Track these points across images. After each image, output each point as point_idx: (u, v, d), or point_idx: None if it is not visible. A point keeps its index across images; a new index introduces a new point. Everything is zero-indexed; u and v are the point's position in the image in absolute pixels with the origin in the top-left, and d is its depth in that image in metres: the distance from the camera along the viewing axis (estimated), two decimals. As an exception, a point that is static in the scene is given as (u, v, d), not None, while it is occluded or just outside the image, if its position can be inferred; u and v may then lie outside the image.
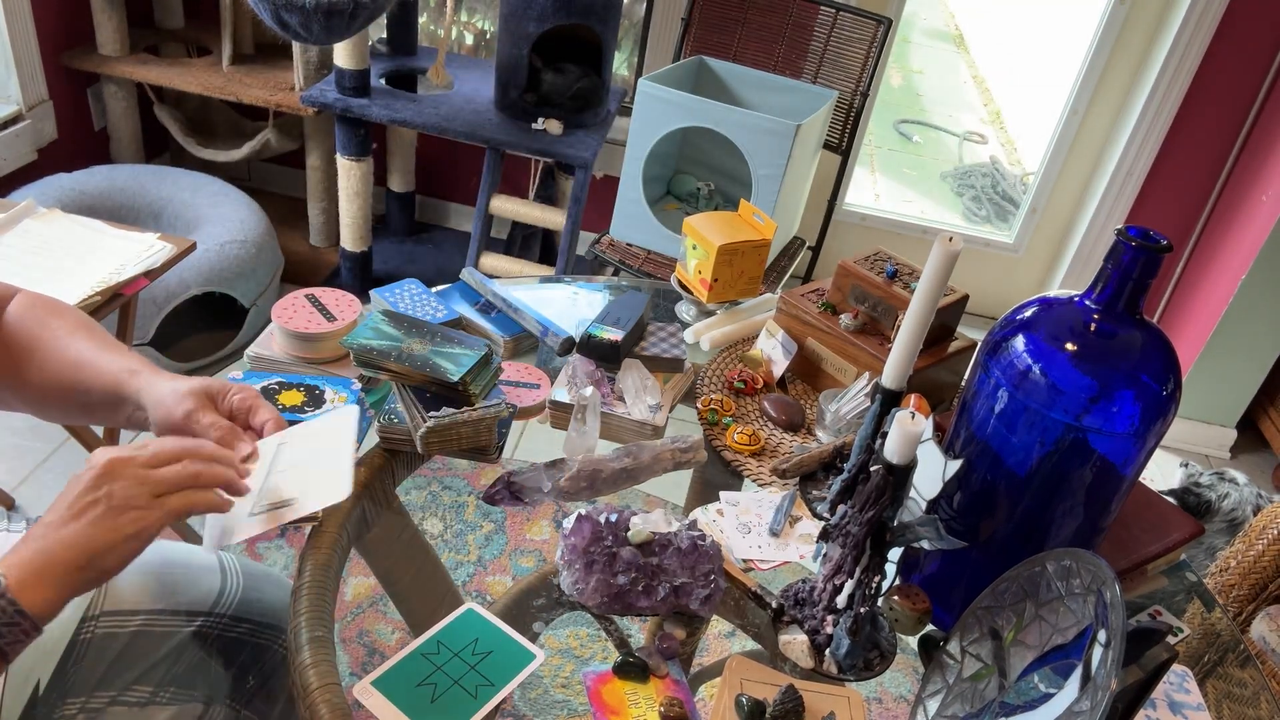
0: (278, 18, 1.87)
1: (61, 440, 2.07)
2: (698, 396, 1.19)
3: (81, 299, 1.49)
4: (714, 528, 1.00)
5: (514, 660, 0.81)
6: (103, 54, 2.53)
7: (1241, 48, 2.52)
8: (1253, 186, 2.53)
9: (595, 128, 2.35)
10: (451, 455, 1.02)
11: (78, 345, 0.89)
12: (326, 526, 0.93)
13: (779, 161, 1.95)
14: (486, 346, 1.05)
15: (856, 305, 1.23)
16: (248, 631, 0.96)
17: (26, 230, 1.64)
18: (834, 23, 2.33)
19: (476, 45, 3.03)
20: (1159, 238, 0.77)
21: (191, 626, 0.93)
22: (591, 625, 0.95)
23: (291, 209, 2.91)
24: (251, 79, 2.54)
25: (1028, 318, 0.83)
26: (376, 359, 1.01)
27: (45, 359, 0.89)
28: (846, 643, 0.85)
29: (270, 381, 1.04)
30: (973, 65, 6.23)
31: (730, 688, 0.81)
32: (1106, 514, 0.87)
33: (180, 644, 0.92)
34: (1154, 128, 2.65)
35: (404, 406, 1.02)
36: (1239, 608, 1.57)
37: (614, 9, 2.22)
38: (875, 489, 0.78)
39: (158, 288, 2.12)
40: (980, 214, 4.00)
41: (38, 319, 0.91)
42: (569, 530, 0.89)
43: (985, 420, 0.84)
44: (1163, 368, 0.79)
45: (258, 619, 0.97)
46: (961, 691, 0.82)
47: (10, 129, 2.40)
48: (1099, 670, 0.68)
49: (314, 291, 1.15)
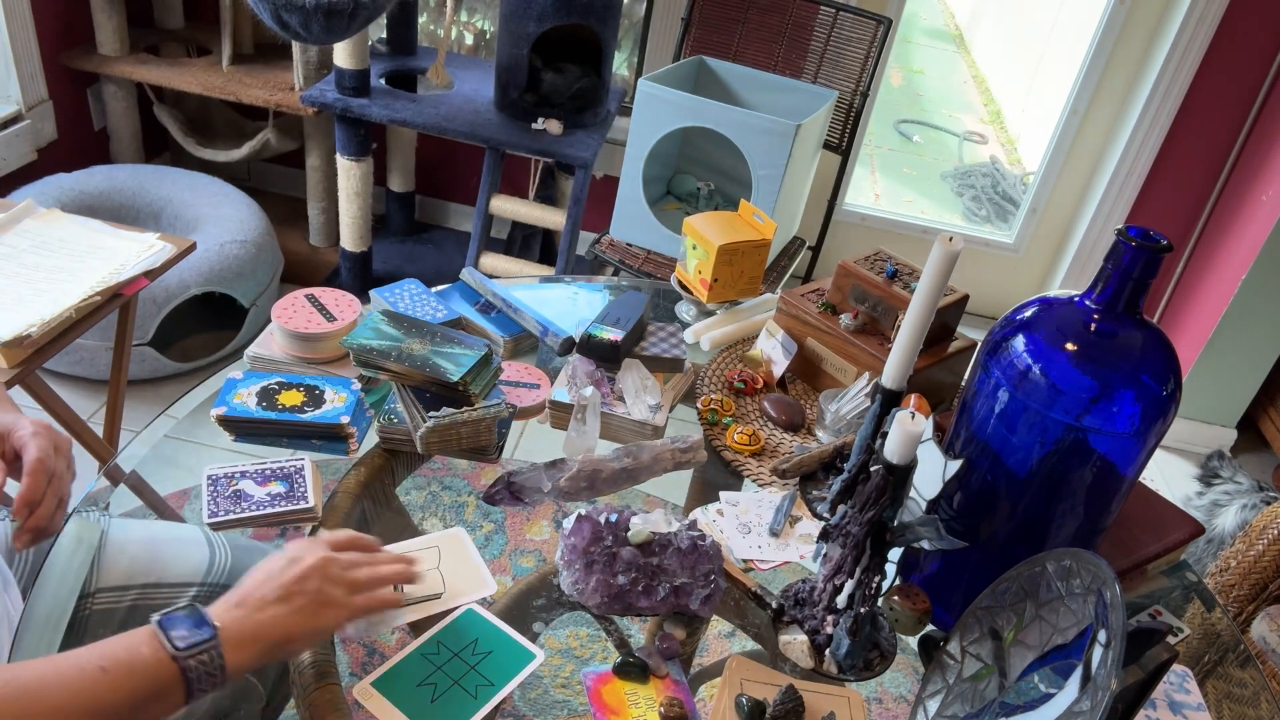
0: (278, 18, 1.87)
1: (61, 440, 2.07)
2: (698, 396, 1.19)
3: (81, 299, 1.49)
4: (714, 528, 1.00)
5: (514, 660, 0.81)
6: (103, 54, 2.53)
7: (1241, 48, 2.52)
8: (1253, 186, 2.53)
9: (595, 128, 2.35)
10: (451, 455, 1.02)
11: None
12: (326, 527, 0.93)
13: (779, 161, 1.95)
14: (486, 346, 1.05)
15: (856, 305, 1.23)
16: None
17: (26, 230, 1.64)
18: (834, 23, 2.33)
19: (476, 45, 3.03)
20: (1159, 238, 0.77)
21: (185, 597, 0.95)
22: (591, 625, 0.95)
23: (291, 209, 2.91)
24: (251, 79, 2.53)
25: (1028, 318, 0.83)
26: (376, 359, 1.01)
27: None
28: (846, 643, 0.85)
29: (270, 381, 1.04)
30: (973, 65, 6.23)
31: (730, 688, 0.81)
32: (1106, 514, 0.87)
33: None
34: (1154, 128, 2.65)
35: (404, 406, 1.02)
36: (1239, 608, 1.57)
37: (614, 9, 2.22)
38: (875, 489, 0.78)
39: (158, 288, 2.12)
40: (980, 214, 4.00)
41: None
42: (569, 530, 0.89)
43: (985, 420, 0.84)
44: (1163, 368, 0.79)
45: None
46: (961, 691, 0.82)
47: (10, 129, 2.40)
48: (1099, 670, 0.68)
49: (314, 291, 1.15)
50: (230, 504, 0.91)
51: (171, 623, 0.70)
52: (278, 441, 1.01)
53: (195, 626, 0.70)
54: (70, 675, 0.65)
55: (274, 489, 0.93)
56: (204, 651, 0.69)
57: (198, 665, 0.69)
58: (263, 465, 0.96)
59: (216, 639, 0.70)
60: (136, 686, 0.67)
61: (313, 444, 1.01)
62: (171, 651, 0.68)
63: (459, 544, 0.93)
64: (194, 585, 0.96)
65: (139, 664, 0.68)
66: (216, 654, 0.70)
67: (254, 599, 0.74)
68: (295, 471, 0.96)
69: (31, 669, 0.65)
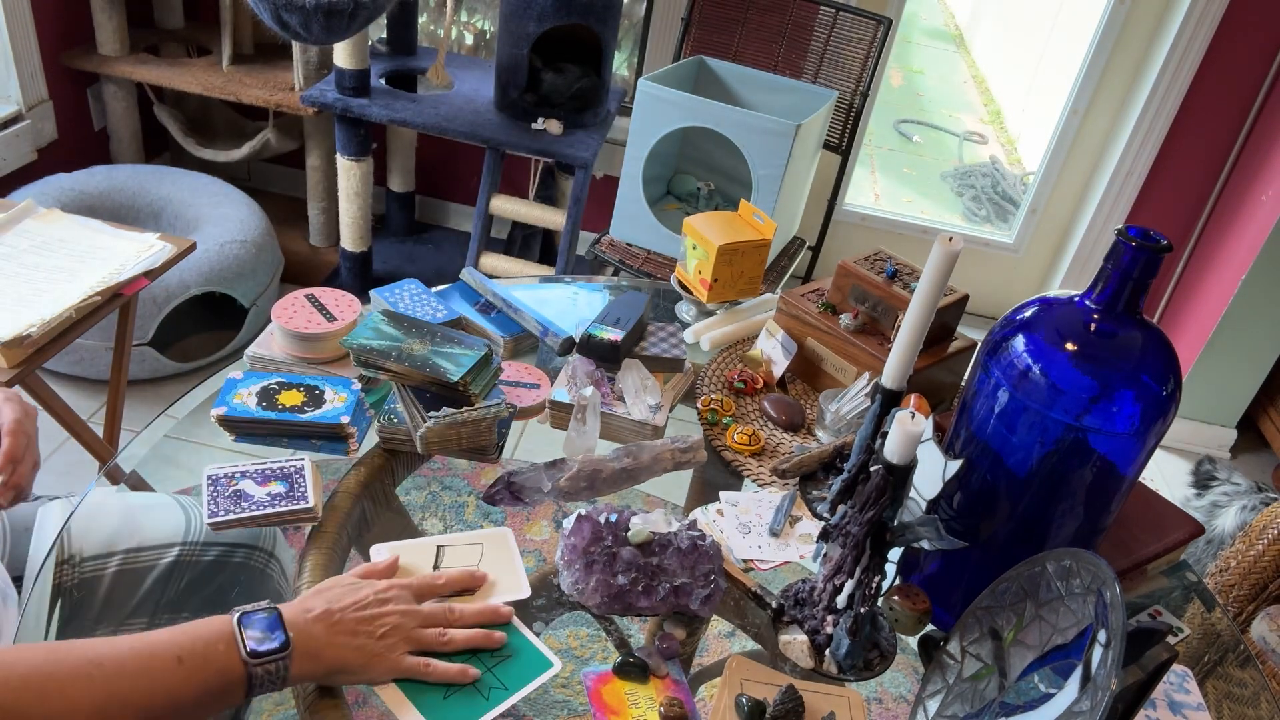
0: (278, 18, 1.87)
1: (62, 440, 2.07)
2: (698, 396, 1.19)
3: (81, 299, 1.49)
4: (714, 528, 1.00)
5: (531, 666, 0.80)
6: (103, 54, 2.53)
7: (1241, 48, 2.52)
8: (1253, 186, 2.53)
9: (595, 128, 2.35)
10: (451, 455, 1.02)
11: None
12: (326, 527, 0.93)
13: (779, 161, 1.95)
14: (486, 346, 1.05)
15: (856, 305, 1.23)
16: (221, 554, 1.02)
17: (26, 230, 1.64)
18: (834, 23, 2.33)
19: (476, 45, 3.03)
20: (1159, 238, 0.77)
21: (168, 557, 0.99)
22: (591, 625, 0.95)
23: (291, 209, 2.91)
24: (251, 79, 2.53)
25: (1028, 318, 0.83)
26: (376, 359, 1.01)
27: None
28: (846, 643, 0.85)
29: (270, 381, 1.04)
30: (973, 65, 6.23)
31: (730, 688, 0.81)
32: (1106, 514, 0.87)
33: (163, 573, 0.99)
34: (1154, 128, 2.65)
35: (404, 406, 1.02)
36: (1239, 608, 1.57)
37: (614, 9, 2.22)
38: (875, 489, 0.78)
39: (158, 288, 2.12)
40: (980, 214, 4.00)
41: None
42: (569, 530, 0.89)
43: (985, 420, 0.84)
44: (1163, 368, 0.79)
45: (228, 542, 1.03)
46: (961, 691, 0.82)
47: (10, 129, 2.40)
48: (1099, 670, 0.68)
49: (314, 291, 1.15)
50: (230, 504, 0.91)
51: (250, 623, 0.72)
52: (278, 441, 1.01)
53: (270, 631, 0.71)
54: (150, 664, 0.67)
55: (274, 489, 0.93)
56: (274, 662, 0.71)
57: (264, 673, 0.70)
58: (263, 465, 0.96)
59: (289, 654, 0.71)
60: (208, 681, 0.69)
61: (313, 444, 1.01)
62: (244, 656, 0.70)
63: (504, 544, 0.93)
64: (175, 545, 1.00)
65: (213, 660, 0.69)
66: (284, 666, 0.71)
67: (330, 621, 0.75)
68: (295, 471, 0.96)
69: (115, 653, 0.67)
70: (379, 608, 0.77)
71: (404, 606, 0.79)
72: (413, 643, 0.78)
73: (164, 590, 0.99)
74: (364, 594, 0.78)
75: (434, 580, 0.84)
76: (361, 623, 0.76)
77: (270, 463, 0.96)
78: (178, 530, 1.01)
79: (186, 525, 1.02)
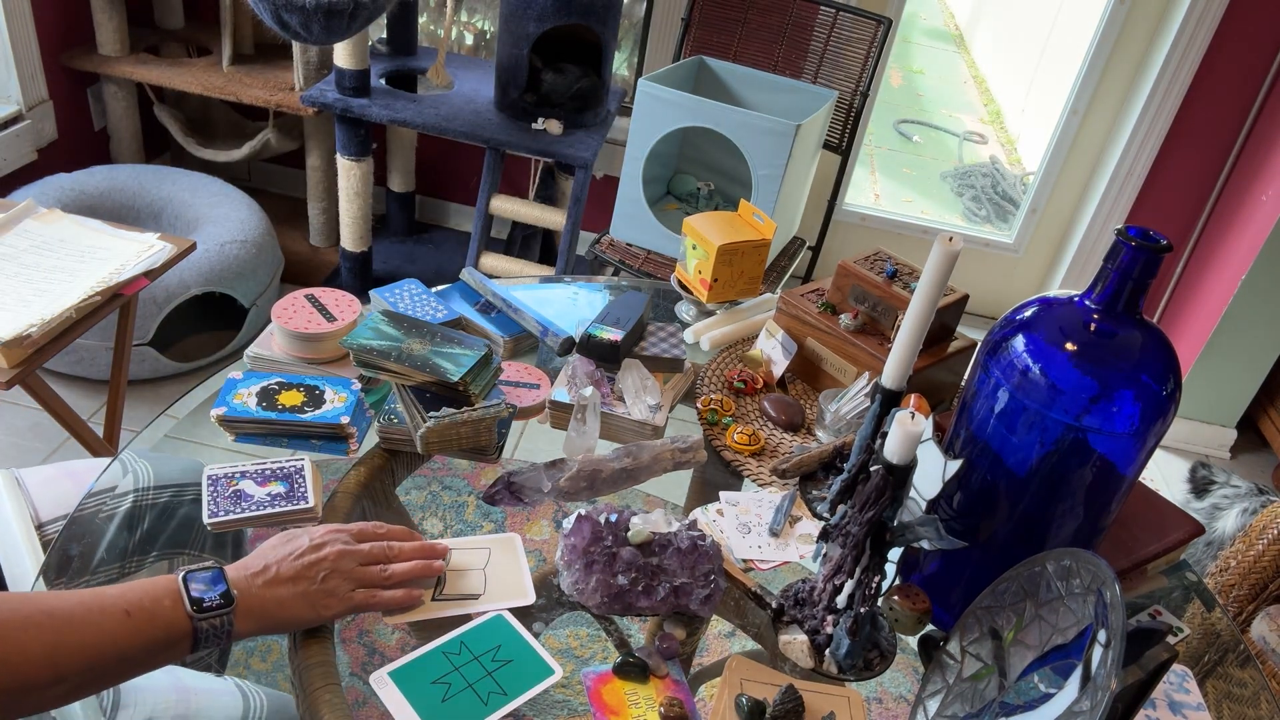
0: (278, 18, 1.87)
1: (62, 440, 2.07)
2: (698, 396, 1.19)
3: (81, 299, 1.49)
4: (714, 528, 1.00)
5: (531, 673, 0.80)
6: (103, 54, 2.53)
7: (1241, 48, 2.52)
8: (1253, 186, 2.53)
9: (595, 128, 2.35)
10: (451, 455, 1.02)
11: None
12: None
13: (779, 161, 1.95)
14: (486, 346, 1.05)
15: (856, 305, 1.23)
16: (174, 495, 1.03)
17: (26, 230, 1.64)
18: (834, 23, 2.33)
19: (476, 45, 3.03)
20: (1159, 238, 0.77)
21: (126, 505, 0.99)
22: (591, 625, 0.95)
23: (291, 209, 2.91)
24: (251, 79, 2.53)
25: (1028, 318, 0.83)
26: (376, 359, 1.01)
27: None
28: (846, 643, 0.85)
29: (270, 381, 1.04)
30: (972, 65, 6.23)
31: (730, 688, 0.81)
32: (1106, 514, 0.87)
33: (122, 521, 0.99)
34: (1154, 128, 2.65)
35: (404, 406, 1.02)
36: (1239, 608, 1.57)
37: (614, 9, 2.22)
38: (875, 489, 0.78)
39: (158, 288, 2.13)
40: (980, 214, 4.00)
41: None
42: (569, 530, 0.89)
43: (985, 420, 0.84)
44: (1163, 368, 0.79)
45: (180, 483, 1.03)
46: (961, 691, 0.82)
47: (10, 129, 2.40)
48: (1099, 670, 0.68)
49: (314, 291, 1.15)
50: (230, 504, 0.91)
51: (194, 579, 0.75)
52: (278, 441, 1.01)
53: (213, 585, 0.75)
54: (99, 617, 0.70)
55: (274, 489, 0.93)
56: (217, 616, 0.74)
57: (208, 627, 0.74)
58: (263, 465, 0.96)
59: (232, 608, 0.75)
60: (154, 634, 0.72)
61: (313, 444, 1.01)
62: (189, 610, 0.73)
63: (511, 549, 0.93)
64: (130, 493, 1.00)
65: (160, 614, 0.73)
66: (228, 620, 0.75)
67: (270, 574, 0.79)
68: (295, 471, 0.96)
69: (64, 605, 0.70)
70: (315, 554, 0.81)
71: (340, 548, 0.82)
72: (356, 580, 0.81)
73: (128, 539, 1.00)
74: (300, 542, 0.81)
75: (375, 527, 0.87)
76: (302, 570, 0.79)
77: (270, 463, 0.96)
78: (114, 479, 1.01)
79: (125, 473, 1.01)
